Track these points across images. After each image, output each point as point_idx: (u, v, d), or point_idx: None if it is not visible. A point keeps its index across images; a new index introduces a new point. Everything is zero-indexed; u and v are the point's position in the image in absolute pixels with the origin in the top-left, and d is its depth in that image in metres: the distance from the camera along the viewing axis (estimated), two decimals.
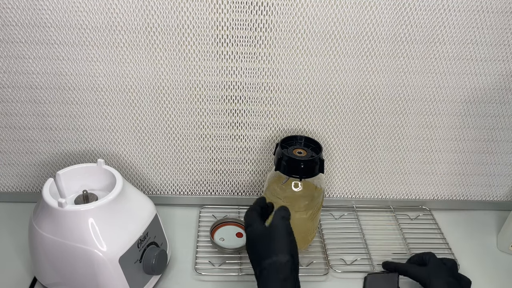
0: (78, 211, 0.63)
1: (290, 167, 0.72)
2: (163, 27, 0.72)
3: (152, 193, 0.91)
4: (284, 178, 0.74)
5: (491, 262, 0.83)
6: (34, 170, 0.87)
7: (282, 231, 0.61)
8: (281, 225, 0.62)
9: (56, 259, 0.65)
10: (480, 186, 0.94)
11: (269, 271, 0.57)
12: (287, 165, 0.72)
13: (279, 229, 0.61)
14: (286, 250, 0.59)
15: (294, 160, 0.71)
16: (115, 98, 0.79)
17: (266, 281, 0.56)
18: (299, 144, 0.76)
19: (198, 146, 0.85)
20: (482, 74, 0.79)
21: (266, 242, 0.60)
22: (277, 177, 0.76)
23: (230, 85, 0.78)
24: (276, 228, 0.62)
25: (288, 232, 0.61)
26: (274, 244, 0.59)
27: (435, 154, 0.88)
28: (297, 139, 0.77)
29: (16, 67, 0.75)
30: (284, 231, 0.61)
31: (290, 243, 0.60)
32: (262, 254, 0.59)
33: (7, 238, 0.81)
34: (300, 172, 0.72)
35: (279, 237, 0.60)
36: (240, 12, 0.71)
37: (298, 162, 0.71)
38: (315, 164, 0.72)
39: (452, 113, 0.83)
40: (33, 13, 0.70)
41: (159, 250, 0.70)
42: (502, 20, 0.73)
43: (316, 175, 0.73)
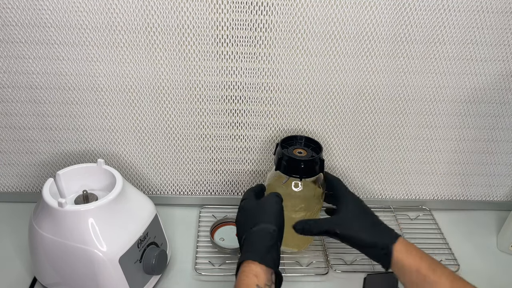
0: (78, 211, 0.63)
1: (290, 167, 0.72)
2: (163, 27, 0.72)
3: (152, 193, 0.91)
4: (285, 178, 0.74)
5: (491, 262, 0.83)
6: (34, 170, 0.87)
7: (273, 204, 0.64)
8: (273, 200, 0.65)
9: (56, 259, 0.65)
10: (480, 186, 0.94)
11: (257, 235, 0.59)
12: (287, 165, 0.72)
13: (270, 203, 0.64)
14: (275, 221, 0.61)
15: (294, 160, 0.71)
16: (115, 98, 0.79)
17: (252, 243, 0.58)
18: (299, 144, 0.76)
19: (198, 146, 0.85)
20: (482, 74, 0.79)
21: (257, 212, 0.63)
22: (277, 177, 0.75)
23: (230, 85, 0.78)
24: (267, 201, 0.65)
25: (279, 207, 0.64)
26: (264, 214, 0.62)
27: (435, 154, 0.88)
28: (297, 139, 0.77)
29: (16, 67, 0.75)
30: (274, 205, 0.64)
31: (278, 217, 0.63)
32: (251, 222, 0.62)
33: (7, 238, 0.81)
34: (301, 172, 0.72)
35: (270, 209, 0.63)
36: (240, 12, 0.71)
37: (298, 162, 0.71)
38: (315, 164, 0.72)
39: (452, 113, 0.83)
40: (33, 13, 0.70)
41: (159, 250, 0.70)
42: (502, 20, 0.73)
43: (316, 175, 0.73)
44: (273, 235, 0.59)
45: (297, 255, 0.80)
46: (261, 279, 0.53)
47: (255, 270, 0.54)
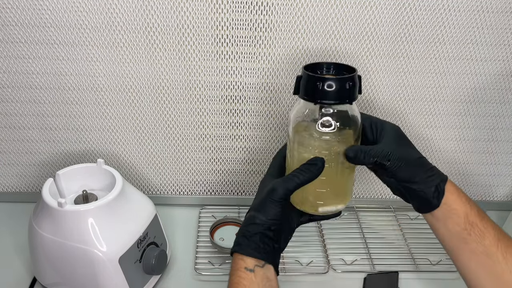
0: (78, 211, 0.63)
1: (328, 91, 0.52)
2: (163, 27, 0.72)
3: (152, 193, 0.91)
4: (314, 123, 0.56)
5: None
6: (34, 170, 0.87)
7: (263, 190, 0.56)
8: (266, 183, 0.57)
9: (56, 259, 0.65)
10: (480, 186, 0.93)
11: (245, 222, 0.55)
12: (324, 89, 0.52)
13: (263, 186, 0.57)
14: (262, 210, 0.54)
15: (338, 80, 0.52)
16: (115, 98, 0.79)
17: (240, 230, 0.55)
18: (327, 72, 0.58)
19: (198, 146, 0.85)
20: (482, 74, 0.79)
21: (256, 193, 0.58)
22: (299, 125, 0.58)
23: (230, 85, 0.78)
24: (263, 183, 0.58)
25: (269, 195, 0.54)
26: (255, 199, 0.56)
27: (435, 154, 0.88)
28: (323, 66, 0.58)
29: (16, 67, 0.75)
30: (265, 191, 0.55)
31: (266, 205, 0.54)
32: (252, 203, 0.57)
33: (7, 238, 0.81)
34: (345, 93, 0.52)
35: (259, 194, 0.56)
36: (240, 12, 0.71)
37: (343, 81, 0.52)
38: (354, 85, 0.53)
39: (452, 113, 0.83)
40: (32, 13, 0.70)
41: (159, 250, 0.70)
42: (502, 20, 0.73)
43: (355, 100, 0.55)
44: (258, 225, 0.53)
45: (297, 254, 0.80)
46: (248, 261, 0.52)
47: (240, 255, 0.53)
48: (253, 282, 0.51)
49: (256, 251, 0.52)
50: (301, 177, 0.53)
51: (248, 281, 0.51)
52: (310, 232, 0.86)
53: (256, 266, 0.52)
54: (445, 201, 0.54)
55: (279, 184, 0.54)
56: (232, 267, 0.53)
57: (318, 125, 0.55)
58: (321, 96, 0.52)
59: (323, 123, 0.55)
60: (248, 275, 0.51)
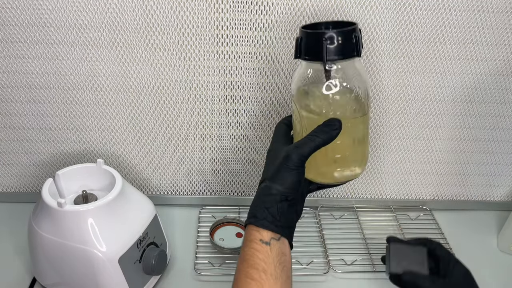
0: (78, 211, 0.63)
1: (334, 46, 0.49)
2: (163, 27, 0.72)
3: (152, 193, 0.91)
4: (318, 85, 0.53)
5: (492, 262, 0.83)
6: (34, 170, 0.87)
7: (277, 155, 0.53)
8: (279, 148, 0.54)
9: (56, 260, 0.65)
10: (481, 186, 0.93)
11: (259, 193, 0.52)
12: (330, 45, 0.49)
13: (276, 151, 0.54)
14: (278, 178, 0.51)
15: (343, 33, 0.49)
16: (115, 98, 0.79)
17: (254, 203, 0.52)
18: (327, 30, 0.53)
19: (198, 146, 0.85)
20: (483, 74, 0.79)
21: (267, 162, 0.55)
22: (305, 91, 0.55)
23: (230, 85, 0.78)
24: (273, 148, 0.55)
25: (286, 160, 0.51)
26: (267, 167, 0.54)
27: (435, 154, 0.88)
28: (321, 26, 0.54)
29: (15, 67, 0.75)
30: (279, 157, 0.52)
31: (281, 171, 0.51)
32: (263, 174, 0.54)
33: (6, 239, 0.81)
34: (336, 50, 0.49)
35: (273, 162, 0.53)
36: (240, 11, 0.71)
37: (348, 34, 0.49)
38: (359, 37, 0.51)
39: (452, 113, 0.83)
40: (32, 13, 0.70)
41: (159, 250, 0.70)
42: (502, 19, 0.73)
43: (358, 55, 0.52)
44: (274, 196, 0.50)
45: (297, 254, 0.80)
46: (264, 233, 0.49)
47: (256, 227, 0.50)
48: (269, 256, 0.49)
49: (273, 224, 0.50)
50: (317, 139, 0.50)
51: (263, 254, 0.49)
52: (310, 232, 0.86)
53: (272, 239, 0.49)
54: None
55: (293, 150, 0.51)
56: (246, 238, 0.51)
57: (326, 85, 0.51)
58: (328, 52, 0.49)
59: (332, 82, 0.51)
60: (263, 248, 0.49)
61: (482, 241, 0.88)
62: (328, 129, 0.51)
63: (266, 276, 0.48)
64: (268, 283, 0.47)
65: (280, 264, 0.49)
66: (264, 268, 0.48)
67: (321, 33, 0.49)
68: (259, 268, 0.48)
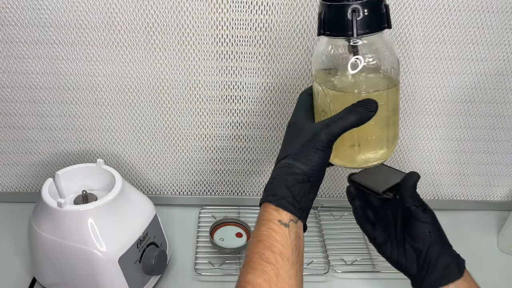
0: (78, 211, 0.62)
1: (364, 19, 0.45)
2: (163, 27, 0.72)
3: (152, 193, 0.91)
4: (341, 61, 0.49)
5: (492, 263, 0.83)
6: (34, 170, 0.87)
7: (303, 132, 0.49)
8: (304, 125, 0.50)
9: (56, 260, 0.65)
10: (481, 186, 0.93)
11: (279, 172, 0.48)
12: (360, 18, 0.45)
13: (300, 128, 0.50)
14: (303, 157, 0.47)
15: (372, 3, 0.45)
16: (115, 98, 0.79)
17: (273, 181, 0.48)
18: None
19: (198, 146, 0.85)
20: (483, 73, 0.79)
21: (288, 139, 0.51)
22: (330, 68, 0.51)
23: (230, 85, 0.78)
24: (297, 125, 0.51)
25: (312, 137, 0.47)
26: (290, 145, 0.49)
27: (435, 154, 0.88)
28: None
29: (15, 67, 0.75)
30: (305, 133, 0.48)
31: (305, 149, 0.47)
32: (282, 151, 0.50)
33: (6, 239, 0.81)
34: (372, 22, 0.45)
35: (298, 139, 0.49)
36: (240, 11, 0.71)
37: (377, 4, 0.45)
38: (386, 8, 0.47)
39: (452, 113, 0.83)
40: (32, 13, 0.70)
41: (159, 250, 0.70)
42: (502, 19, 0.73)
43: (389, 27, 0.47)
44: (297, 175, 0.47)
45: None
46: (283, 214, 0.46)
47: (275, 207, 0.47)
48: (286, 238, 0.46)
49: (293, 206, 0.47)
50: (348, 119, 0.46)
51: (281, 236, 0.46)
52: (310, 232, 0.86)
53: (291, 221, 0.46)
54: None
55: (322, 129, 0.47)
56: (263, 217, 0.47)
57: (354, 62, 0.47)
58: (357, 26, 0.44)
59: (359, 58, 0.47)
60: (282, 230, 0.46)
61: (482, 241, 0.88)
62: (362, 109, 0.46)
63: (283, 260, 0.45)
64: (284, 268, 0.45)
65: (297, 248, 0.47)
66: (281, 252, 0.45)
67: (347, 5, 0.44)
68: (276, 251, 0.45)
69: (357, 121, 0.46)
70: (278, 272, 0.44)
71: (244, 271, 0.45)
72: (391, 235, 0.56)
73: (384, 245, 0.56)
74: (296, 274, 0.46)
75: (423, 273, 0.53)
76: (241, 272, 0.46)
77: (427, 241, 0.54)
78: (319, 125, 0.47)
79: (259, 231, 0.47)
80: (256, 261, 0.45)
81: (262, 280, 0.43)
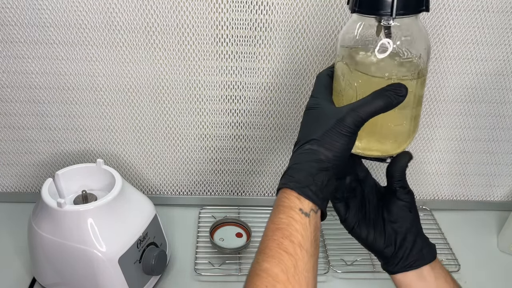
0: (77, 211, 0.62)
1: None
2: (163, 27, 0.72)
3: (152, 193, 0.91)
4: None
5: (492, 263, 0.83)
6: (33, 170, 0.87)
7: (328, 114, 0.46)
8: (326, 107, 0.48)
9: (56, 260, 0.65)
10: (481, 186, 0.93)
11: (303, 157, 0.46)
12: None
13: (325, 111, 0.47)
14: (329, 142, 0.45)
15: None
16: (115, 98, 0.79)
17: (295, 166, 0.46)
18: None
19: (198, 146, 0.85)
20: (483, 73, 0.79)
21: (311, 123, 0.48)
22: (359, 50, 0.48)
23: (230, 84, 0.78)
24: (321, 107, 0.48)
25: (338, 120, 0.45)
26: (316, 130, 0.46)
27: (435, 154, 0.88)
28: None
29: (15, 67, 0.75)
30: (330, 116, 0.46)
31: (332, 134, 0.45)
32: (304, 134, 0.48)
33: (6, 239, 0.81)
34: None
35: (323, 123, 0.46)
36: (240, 11, 0.71)
37: None
38: None
39: (452, 113, 0.83)
40: (32, 13, 0.70)
41: (159, 250, 0.70)
42: (502, 19, 0.73)
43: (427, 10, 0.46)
44: (322, 162, 0.45)
45: None
46: (305, 203, 0.44)
47: (296, 193, 0.44)
48: (307, 229, 0.43)
49: (316, 195, 0.44)
50: (376, 103, 0.44)
51: (301, 226, 0.43)
52: None
53: (312, 210, 0.44)
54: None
55: (349, 113, 0.44)
56: (283, 203, 0.44)
57: (384, 45, 0.45)
58: (396, 5, 0.42)
59: (389, 41, 0.44)
60: (303, 220, 0.43)
61: (482, 241, 0.88)
62: (392, 93, 0.44)
63: (302, 252, 0.42)
64: (303, 260, 0.42)
65: (315, 240, 0.44)
66: (301, 243, 0.42)
67: None
68: (295, 242, 0.42)
69: (385, 105, 0.44)
70: (297, 263, 0.42)
71: (260, 258, 0.42)
72: (366, 216, 0.55)
73: (358, 226, 0.54)
74: (313, 267, 0.43)
75: (400, 254, 0.52)
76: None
77: (408, 221, 0.53)
78: (345, 109, 0.45)
79: (277, 217, 0.44)
80: (273, 249, 0.42)
81: (279, 270, 0.41)
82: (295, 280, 0.41)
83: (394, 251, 0.53)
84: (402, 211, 0.53)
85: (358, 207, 0.55)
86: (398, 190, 0.53)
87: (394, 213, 0.53)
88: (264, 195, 0.92)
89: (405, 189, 0.53)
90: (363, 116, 0.44)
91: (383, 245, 0.53)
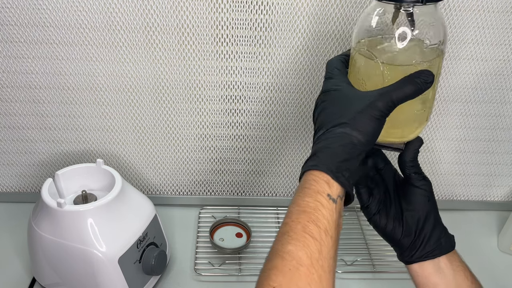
0: (77, 211, 0.62)
1: None
2: (162, 27, 0.72)
3: (152, 193, 0.91)
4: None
5: (492, 263, 0.83)
6: (33, 170, 0.87)
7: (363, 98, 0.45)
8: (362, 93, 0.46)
9: (55, 260, 0.65)
10: (481, 186, 0.93)
11: (334, 140, 0.44)
12: None
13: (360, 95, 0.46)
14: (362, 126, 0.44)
15: None
16: (115, 98, 0.79)
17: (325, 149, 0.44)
18: None
19: (198, 146, 0.85)
20: (483, 73, 0.79)
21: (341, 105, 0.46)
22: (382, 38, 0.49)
23: (230, 84, 0.78)
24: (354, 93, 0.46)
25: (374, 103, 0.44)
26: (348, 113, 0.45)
27: (436, 154, 0.88)
28: None
29: (15, 66, 0.75)
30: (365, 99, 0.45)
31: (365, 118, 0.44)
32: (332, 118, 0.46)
33: (6, 239, 0.81)
34: None
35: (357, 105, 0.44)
36: (240, 11, 0.71)
37: None
38: None
39: (452, 113, 0.83)
40: (32, 13, 0.70)
41: (159, 250, 0.70)
42: (502, 19, 0.73)
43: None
44: (355, 146, 0.43)
45: None
46: (333, 188, 0.43)
47: (326, 177, 0.43)
48: (332, 215, 0.43)
49: (347, 181, 0.43)
50: (406, 89, 0.44)
51: (328, 212, 0.42)
52: None
53: (338, 196, 0.43)
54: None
55: (379, 96, 0.44)
56: (310, 185, 0.43)
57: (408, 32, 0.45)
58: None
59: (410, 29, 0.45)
60: (330, 205, 0.43)
61: (482, 241, 0.88)
62: (421, 80, 0.44)
63: (326, 238, 0.41)
64: (327, 245, 0.41)
65: (339, 226, 0.44)
66: (326, 228, 0.42)
67: None
68: (321, 226, 0.41)
69: (415, 91, 0.44)
70: (321, 249, 0.41)
71: (283, 240, 0.41)
72: (386, 205, 0.55)
73: (378, 214, 0.54)
74: (335, 255, 0.43)
75: (418, 243, 0.52)
76: (278, 240, 0.42)
77: (426, 209, 0.53)
78: (375, 93, 0.44)
79: (304, 200, 0.42)
80: (298, 232, 0.41)
81: (303, 254, 0.40)
82: (318, 265, 0.40)
83: (412, 240, 0.52)
84: (420, 199, 0.53)
85: (380, 196, 0.55)
86: (413, 177, 0.53)
87: (412, 202, 0.53)
88: (264, 195, 0.92)
89: (420, 175, 0.53)
90: (395, 100, 0.44)
91: (401, 235, 0.53)
